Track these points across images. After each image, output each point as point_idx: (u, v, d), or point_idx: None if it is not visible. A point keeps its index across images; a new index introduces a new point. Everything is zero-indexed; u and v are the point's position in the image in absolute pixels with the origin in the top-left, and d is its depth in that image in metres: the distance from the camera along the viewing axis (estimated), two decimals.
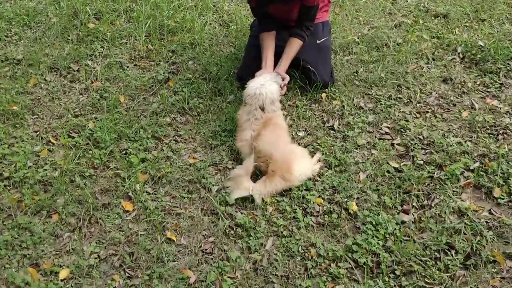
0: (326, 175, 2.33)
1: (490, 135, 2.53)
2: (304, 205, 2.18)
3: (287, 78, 2.69)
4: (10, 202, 2.19)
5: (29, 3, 4.01)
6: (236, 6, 3.87)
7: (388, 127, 2.61)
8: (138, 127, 2.65)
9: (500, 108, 2.68)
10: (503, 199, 2.16)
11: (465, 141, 2.48)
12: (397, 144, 2.51)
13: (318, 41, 2.90)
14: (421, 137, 2.54)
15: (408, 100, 2.80)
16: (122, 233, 2.07)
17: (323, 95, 2.85)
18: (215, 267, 1.93)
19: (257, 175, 2.32)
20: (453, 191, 2.22)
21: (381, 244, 1.99)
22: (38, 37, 3.53)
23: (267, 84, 2.50)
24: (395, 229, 2.05)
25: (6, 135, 2.60)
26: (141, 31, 3.45)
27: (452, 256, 1.93)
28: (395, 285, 1.85)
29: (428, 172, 2.30)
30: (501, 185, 2.22)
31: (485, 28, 3.34)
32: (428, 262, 1.91)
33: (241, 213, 2.16)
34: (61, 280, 1.88)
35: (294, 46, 2.76)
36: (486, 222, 2.06)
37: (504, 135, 2.51)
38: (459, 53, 3.13)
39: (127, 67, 3.19)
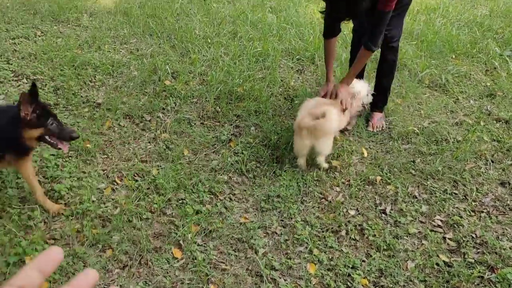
0: (374, 257, 2.32)
1: None
2: (349, 283, 2.18)
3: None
4: (71, 231, 2.32)
5: (116, 56, 4.42)
6: (301, 83, 4.09)
7: (441, 220, 2.60)
8: (197, 180, 2.79)
9: None
10: None
11: None
12: (448, 238, 2.48)
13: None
14: (474, 235, 2.50)
15: (464, 197, 2.79)
16: (169, 279, 2.13)
17: (378, 178, 2.91)
18: None
19: None
20: None
21: None
22: (119, 86, 3.86)
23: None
24: None
25: (76, 169, 2.80)
26: (212, 94, 3.70)
27: None
28: None
29: (479, 271, 2.25)
30: None
31: None
32: None
33: (285, 280, 2.18)
34: None
35: (362, 57, 3.02)
36: None
37: None
38: None
39: (194, 124, 3.40)
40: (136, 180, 2.76)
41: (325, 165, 2.98)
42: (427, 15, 5.58)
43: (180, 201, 2.62)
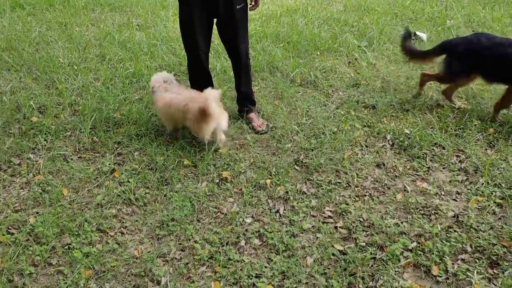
0: (275, 261, 2.36)
1: (424, 215, 2.71)
2: None
3: None
4: None
5: None
6: None
7: (330, 211, 2.73)
8: (82, 220, 2.60)
9: (430, 190, 2.90)
10: (441, 276, 2.28)
11: (402, 222, 2.64)
12: (340, 227, 2.62)
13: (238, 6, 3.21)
14: (361, 219, 2.67)
15: (347, 185, 2.97)
16: None
17: (268, 181, 2.97)
18: None
19: None
20: (395, 271, 2.31)
21: None
22: None
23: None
24: None
25: None
26: (86, 124, 3.49)
27: None
28: None
29: (371, 253, 2.40)
30: (438, 263, 2.35)
31: (409, 118, 3.69)
32: None
33: None
34: None
35: None
36: None
37: (436, 215, 2.70)
38: (388, 140, 3.42)
39: (71, 159, 3.17)
40: (12, 233, 2.49)
41: (224, 137, 3.30)
42: (289, 17, 5.87)
43: (66, 247, 2.42)
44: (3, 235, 2.47)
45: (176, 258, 2.40)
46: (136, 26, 5.80)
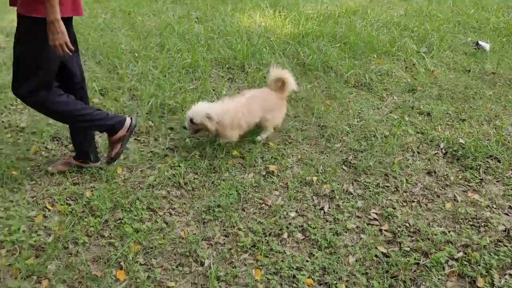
0: (316, 256, 2.38)
1: (472, 226, 2.64)
2: (294, 285, 2.21)
3: None
4: (1, 265, 2.18)
5: None
6: (233, 91, 4.12)
7: (376, 213, 2.72)
8: (134, 198, 2.72)
9: (481, 202, 2.82)
10: None
11: (449, 231, 2.58)
12: (385, 230, 2.60)
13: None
14: (407, 224, 2.64)
15: (395, 189, 2.94)
16: None
17: (314, 178, 2.99)
18: None
19: None
20: (438, 278, 2.27)
21: None
22: None
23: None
24: None
25: (2, 198, 2.64)
26: (143, 108, 3.63)
27: None
28: None
29: (415, 258, 2.37)
30: (484, 275, 2.29)
31: (465, 128, 3.59)
32: None
33: None
34: None
35: None
36: None
37: (486, 227, 2.62)
38: (441, 149, 3.34)
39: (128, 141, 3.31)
40: (69, 204, 2.64)
41: None
42: (347, 18, 5.83)
43: (118, 221, 2.54)
44: (61, 205, 2.62)
45: (220, 243, 2.46)
46: (195, 19, 5.95)
